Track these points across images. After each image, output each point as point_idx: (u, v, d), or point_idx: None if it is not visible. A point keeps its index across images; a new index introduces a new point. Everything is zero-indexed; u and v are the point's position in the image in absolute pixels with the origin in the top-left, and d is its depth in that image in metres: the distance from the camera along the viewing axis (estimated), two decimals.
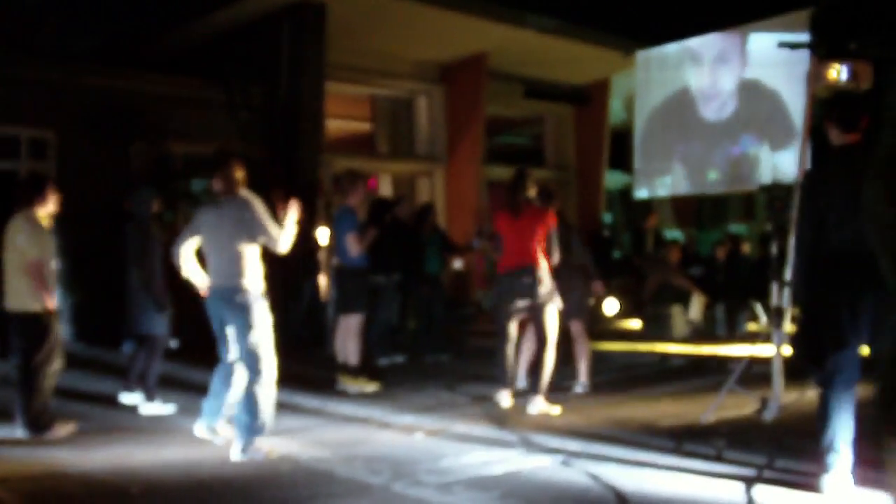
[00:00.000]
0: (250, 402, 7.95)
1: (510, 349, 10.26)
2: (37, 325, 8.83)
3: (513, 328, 10.26)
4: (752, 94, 14.21)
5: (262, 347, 8.04)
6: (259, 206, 8.19)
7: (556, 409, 9.78)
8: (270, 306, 8.35)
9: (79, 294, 14.93)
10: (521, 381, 11.04)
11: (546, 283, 9.98)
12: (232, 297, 8.04)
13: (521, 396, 10.23)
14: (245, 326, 8.01)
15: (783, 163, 13.95)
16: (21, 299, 8.82)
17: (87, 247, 13.35)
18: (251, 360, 7.99)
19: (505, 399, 10.14)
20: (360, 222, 11.71)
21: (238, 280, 8.07)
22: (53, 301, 8.90)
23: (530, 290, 9.96)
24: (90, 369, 12.59)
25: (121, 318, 10.74)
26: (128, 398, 10.43)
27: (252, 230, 8.12)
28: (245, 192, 8.29)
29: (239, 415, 8.00)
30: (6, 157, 14.88)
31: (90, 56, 16.44)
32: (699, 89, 14.59)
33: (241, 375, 8.14)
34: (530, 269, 9.97)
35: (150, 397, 10.24)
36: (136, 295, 10.36)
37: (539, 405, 9.79)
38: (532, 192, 10.22)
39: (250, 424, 7.93)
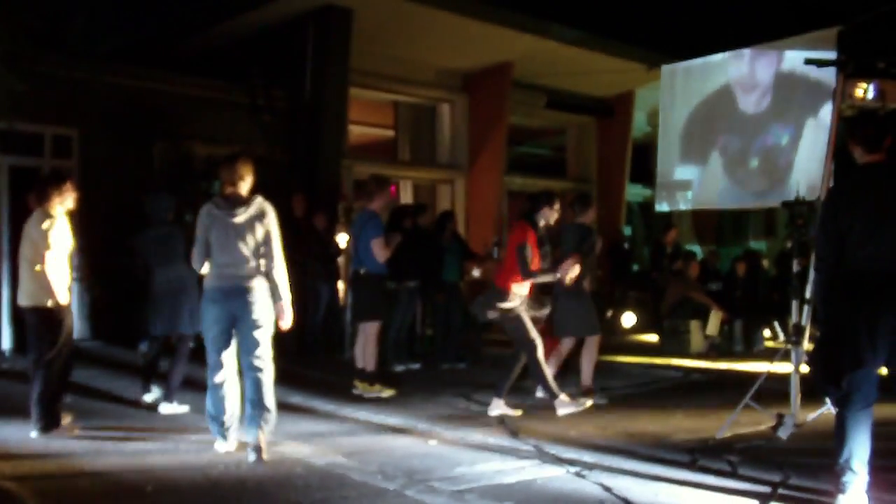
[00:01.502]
0: (259, 400, 8.01)
1: (516, 360, 10.41)
2: (47, 320, 8.83)
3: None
4: (788, 84, 14.12)
5: (269, 347, 8.11)
6: (274, 215, 8.20)
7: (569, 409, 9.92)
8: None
9: (97, 292, 14.97)
10: (539, 391, 11.05)
11: (505, 300, 10.04)
12: (251, 296, 8.06)
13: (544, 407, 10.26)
14: (265, 325, 8.07)
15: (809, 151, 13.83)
16: (33, 294, 8.83)
17: (107, 245, 13.38)
18: (262, 359, 8.05)
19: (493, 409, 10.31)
20: (384, 228, 11.75)
21: (257, 280, 8.10)
22: (65, 297, 8.90)
23: (479, 305, 10.39)
24: (107, 367, 12.64)
25: (138, 316, 10.77)
26: (166, 407, 10.35)
27: (264, 233, 8.11)
28: (260, 196, 8.28)
29: (249, 413, 8.04)
30: (30, 154, 14.93)
31: (115, 55, 16.51)
32: (738, 81, 14.54)
33: (243, 375, 8.19)
34: (492, 287, 10.31)
35: (170, 397, 10.26)
36: (181, 292, 10.38)
37: (562, 408, 9.98)
38: (541, 210, 10.24)
39: (259, 422, 7.99)
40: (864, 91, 9.11)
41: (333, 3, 17.03)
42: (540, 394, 10.98)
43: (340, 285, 15.79)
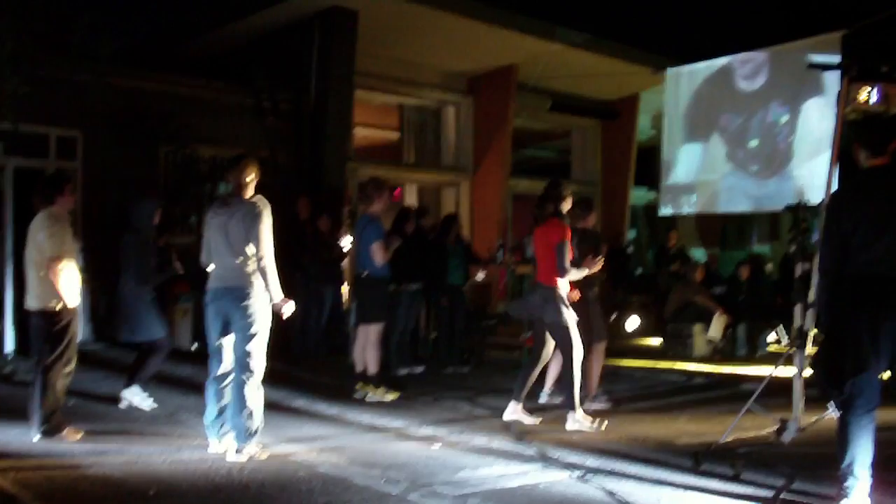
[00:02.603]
0: (243, 402, 8.04)
1: (534, 364, 10.11)
2: (54, 323, 8.82)
3: (540, 343, 10.07)
4: (784, 59, 14.09)
5: (261, 351, 8.13)
6: (265, 215, 8.19)
7: (586, 425, 9.69)
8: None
9: (100, 294, 14.98)
10: (544, 397, 11.03)
11: (551, 300, 9.82)
12: (239, 297, 8.08)
13: (547, 411, 10.22)
14: (252, 329, 8.07)
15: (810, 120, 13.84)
16: (41, 297, 8.81)
17: (110, 247, 13.39)
18: (246, 361, 8.07)
19: (509, 413, 10.02)
20: (384, 231, 11.72)
21: (246, 280, 8.11)
22: (73, 300, 8.90)
23: (538, 307, 9.90)
24: (110, 369, 12.63)
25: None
26: (129, 394, 10.42)
27: (248, 233, 8.11)
28: (257, 197, 8.27)
29: (233, 416, 8.08)
30: (35, 155, 14.94)
31: (120, 58, 16.52)
32: (736, 59, 14.56)
33: (232, 377, 8.22)
34: (539, 286, 9.94)
35: (134, 384, 10.40)
36: (130, 304, 10.41)
37: (571, 423, 9.69)
38: (562, 204, 10.06)
39: (248, 427, 8.04)
40: (868, 95, 9.09)
41: (338, 4, 17.05)
42: (543, 399, 10.97)
43: (344, 288, 15.79)
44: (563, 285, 9.85)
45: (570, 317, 9.83)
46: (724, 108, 14.99)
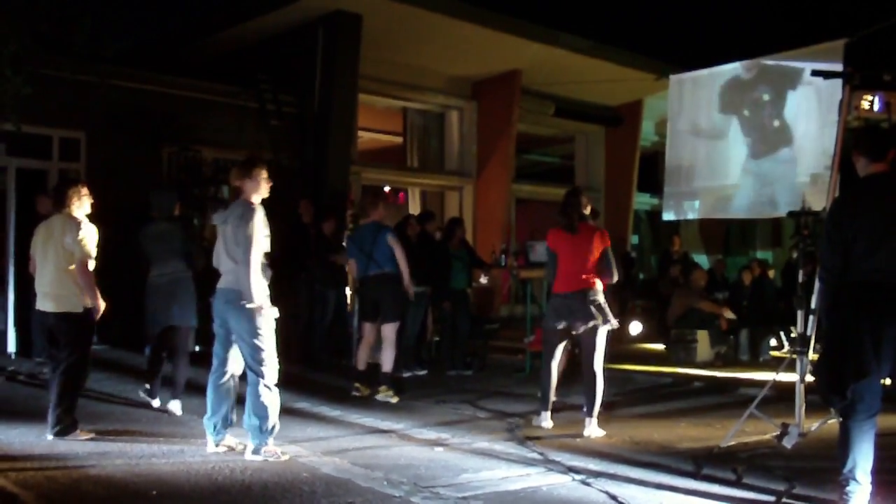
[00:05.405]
0: (259, 404, 8.06)
1: (555, 370, 9.98)
2: (80, 324, 8.86)
3: (560, 349, 10.00)
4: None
5: (267, 351, 8.11)
6: (256, 219, 8.11)
7: (602, 432, 9.59)
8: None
9: (103, 296, 14.97)
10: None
11: (601, 304, 9.73)
12: (232, 300, 8.08)
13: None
14: (250, 330, 8.06)
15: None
16: (65, 300, 8.82)
17: (112, 248, 13.40)
18: (256, 364, 8.07)
19: (545, 421, 9.95)
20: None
21: (240, 284, 8.07)
22: (99, 300, 8.93)
23: (584, 312, 9.67)
24: (112, 371, 12.64)
25: (144, 319, 10.76)
26: (175, 405, 10.38)
27: (237, 236, 8.10)
28: (248, 201, 8.21)
29: (249, 418, 8.10)
30: (38, 157, 14.95)
31: (123, 59, 16.54)
32: (739, 66, 14.74)
33: (228, 376, 8.30)
34: (585, 291, 9.70)
35: (176, 394, 10.34)
36: (183, 287, 10.41)
37: (593, 429, 9.59)
38: (587, 209, 10.01)
39: (261, 426, 8.06)
40: (870, 103, 9.11)
41: (342, 8, 17.07)
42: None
43: (348, 290, 15.78)
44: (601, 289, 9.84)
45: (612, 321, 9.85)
46: (727, 113, 15.02)
